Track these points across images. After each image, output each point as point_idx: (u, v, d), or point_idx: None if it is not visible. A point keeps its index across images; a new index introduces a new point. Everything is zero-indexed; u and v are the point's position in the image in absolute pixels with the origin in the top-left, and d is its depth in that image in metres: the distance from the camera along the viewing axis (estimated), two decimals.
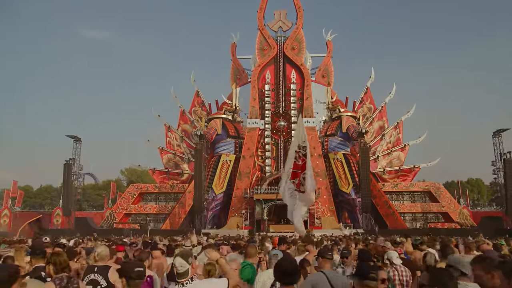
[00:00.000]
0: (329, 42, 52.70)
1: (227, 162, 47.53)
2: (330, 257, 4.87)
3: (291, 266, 3.40)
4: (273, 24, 50.22)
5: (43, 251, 4.76)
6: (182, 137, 51.08)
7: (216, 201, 46.41)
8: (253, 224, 43.06)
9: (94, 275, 4.77)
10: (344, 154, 46.99)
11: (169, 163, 50.75)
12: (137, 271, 3.61)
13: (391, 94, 50.91)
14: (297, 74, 49.14)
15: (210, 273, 4.23)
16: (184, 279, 3.60)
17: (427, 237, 15.06)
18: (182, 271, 3.58)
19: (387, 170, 48.53)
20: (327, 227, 41.07)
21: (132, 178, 77.04)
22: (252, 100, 48.33)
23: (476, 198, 54.75)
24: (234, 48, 54.02)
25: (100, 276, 4.75)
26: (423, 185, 47.27)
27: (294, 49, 49.28)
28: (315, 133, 47.10)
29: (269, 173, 45.88)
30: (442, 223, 44.08)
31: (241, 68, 54.15)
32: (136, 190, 49.19)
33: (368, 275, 3.82)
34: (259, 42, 49.76)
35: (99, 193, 72.72)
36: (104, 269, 4.83)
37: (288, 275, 3.36)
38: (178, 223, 45.83)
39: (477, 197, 55.36)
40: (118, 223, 46.44)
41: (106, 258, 4.97)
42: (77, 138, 46.53)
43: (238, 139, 48.69)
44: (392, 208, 44.62)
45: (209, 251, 4.02)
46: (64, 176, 45.43)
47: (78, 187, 47.55)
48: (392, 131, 50.18)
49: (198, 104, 52.98)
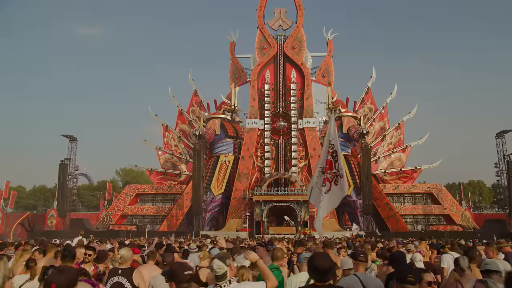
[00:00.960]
0: (330, 41, 52.80)
1: (226, 162, 47.44)
2: (363, 259, 4.79)
3: (325, 263, 3.31)
4: (273, 22, 50.17)
5: (73, 254, 4.69)
6: (180, 137, 50.94)
7: (214, 203, 46.33)
8: (252, 226, 42.97)
9: (119, 277, 4.69)
10: (345, 155, 46.80)
11: (166, 163, 50.59)
12: (187, 274, 3.53)
13: (393, 95, 51.03)
14: (297, 74, 49.12)
15: (244, 276, 4.16)
16: (222, 281, 3.53)
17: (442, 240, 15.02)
18: (221, 273, 3.52)
19: (388, 172, 48.61)
20: (328, 230, 40.97)
21: (127, 179, 76.75)
22: (252, 100, 48.25)
23: (477, 200, 54.91)
24: (233, 47, 53.99)
25: (125, 279, 4.67)
26: (425, 186, 47.36)
27: (295, 48, 49.26)
28: (315, 134, 47.10)
29: (268, 174, 45.79)
30: (444, 225, 44.11)
31: (240, 67, 54.11)
32: (132, 191, 49.00)
33: (406, 278, 3.74)
34: (258, 41, 49.70)
35: (94, 194, 72.42)
36: (128, 271, 4.74)
37: (322, 272, 3.27)
38: (176, 224, 45.70)
39: (478, 199, 55.48)
40: (114, 225, 46.25)
41: (129, 260, 4.88)
42: (72, 137, 46.34)
43: (237, 140, 48.63)
44: (393, 210, 44.65)
45: (248, 252, 3.95)
46: (59, 176, 45.18)
47: (74, 187, 47.17)
48: (393, 132, 50.28)
49: (196, 104, 52.89)
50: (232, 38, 54.04)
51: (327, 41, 52.67)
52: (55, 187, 72.10)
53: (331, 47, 52.75)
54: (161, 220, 46.95)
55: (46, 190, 74.78)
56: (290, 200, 42.64)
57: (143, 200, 49.47)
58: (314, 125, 47.50)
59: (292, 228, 42.22)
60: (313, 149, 46.48)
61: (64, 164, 45.05)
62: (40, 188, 75.50)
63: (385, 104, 51.40)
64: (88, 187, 70.07)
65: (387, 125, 50.92)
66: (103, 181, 73.99)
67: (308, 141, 46.67)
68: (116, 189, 62.61)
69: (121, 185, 73.80)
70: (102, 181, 74.22)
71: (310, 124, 47.25)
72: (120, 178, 78.61)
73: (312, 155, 46.27)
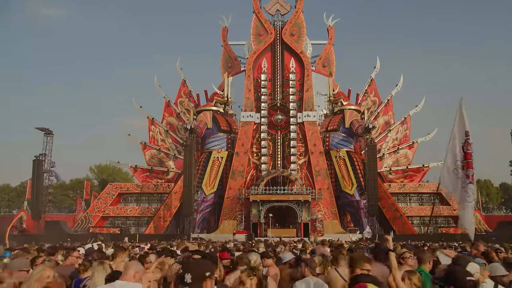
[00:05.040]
0: (331, 28, 52.40)
1: (219, 159, 46.61)
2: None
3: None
4: (270, 6, 49.39)
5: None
6: (167, 131, 49.81)
7: (206, 203, 45.51)
8: (248, 227, 42.34)
9: None
10: (347, 151, 46.68)
11: (152, 159, 49.44)
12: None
13: (398, 87, 50.97)
14: (296, 63, 48.51)
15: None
16: None
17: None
18: None
19: (393, 170, 48.57)
20: (330, 232, 40.74)
21: (103, 176, 75.00)
22: (247, 91, 47.45)
23: (484, 201, 55.41)
24: (225, 32, 53.09)
25: None
26: (433, 186, 47.29)
27: (294, 35, 48.63)
28: (316, 128, 46.68)
29: (265, 172, 45.11)
30: (454, 228, 44.12)
31: (233, 55, 53.25)
32: (115, 190, 47.75)
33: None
34: (254, 27, 48.87)
35: (67, 193, 70.52)
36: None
37: None
38: (163, 226, 44.75)
39: (485, 200, 56.02)
40: (95, 227, 44.92)
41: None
42: (48, 131, 44.67)
43: (231, 134, 47.78)
44: (399, 211, 44.57)
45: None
46: (33, 173, 43.46)
47: (49, 186, 45.60)
48: (399, 126, 50.25)
49: (185, 95, 51.81)
50: (224, 23, 53.10)
51: (328, 27, 52.24)
52: (20, 186, 70.19)
53: (332, 35, 52.34)
54: (147, 222, 45.87)
55: (11, 190, 72.40)
56: (290, 200, 42.15)
57: (127, 200, 48.30)
58: (315, 119, 47.04)
59: (291, 230, 41.83)
60: (314, 145, 46.02)
61: (39, 160, 43.37)
62: (3, 187, 72.95)
63: (390, 97, 51.30)
64: (59, 186, 67.98)
65: (392, 120, 50.87)
66: (77, 179, 72.12)
67: (308, 136, 46.17)
68: (92, 188, 61.02)
69: (97, 184, 72.08)
70: (75, 179, 72.27)
71: (310, 117, 46.74)
72: (94, 176, 76.71)
73: (312, 151, 45.81)
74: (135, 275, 4.12)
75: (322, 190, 44.14)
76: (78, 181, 69.97)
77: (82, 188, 57.75)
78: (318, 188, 44.18)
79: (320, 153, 45.85)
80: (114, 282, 4.14)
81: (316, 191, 43.52)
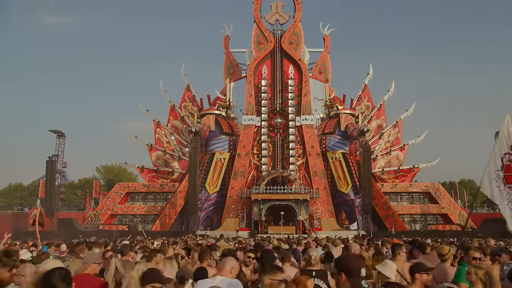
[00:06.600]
0: (327, 37, 53.24)
1: (221, 160, 47.34)
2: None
3: None
4: (269, 16, 50.24)
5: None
6: (172, 134, 50.51)
7: (209, 201, 46.21)
8: (250, 225, 43.16)
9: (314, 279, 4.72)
10: (343, 153, 47.52)
11: (158, 160, 50.13)
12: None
13: (390, 92, 51.86)
14: (295, 70, 49.39)
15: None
16: None
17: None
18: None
19: (386, 170, 49.45)
20: (327, 229, 41.56)
21: (109, 176, 75.61)
22: (248, 96, 48.26)
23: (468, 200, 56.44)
24: (227, 40, 53.84)
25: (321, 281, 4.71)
26: (423, 185, 48.33)
27: (292, 43, 49.49)
28: (313, 131, 47.53)
29: (265, 172, 45.89)
30: (443, 225, 45.18)
31: (234, 62, 54.03)
32: (122, 189, 48.40)
33: None
34: (255, 35, 49.69)
35: (75, 192, 71.07)
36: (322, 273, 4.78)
37: None
38: (169, 224, 45.45)
39: (469, 199, 57.07)
40: (104, 224, 45.65)
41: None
42: (61, 133, 45.39)
43: (233, 137, 48.56)
44: (392, 209, 45.48)
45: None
46: (46, 173, 44.21)
47: (61, 185, 46.24)
48: (391, 130, 51.17)
49: (189, 99, 52.54)
50: (226, 31, 53.86)
51: (324, 36, 53.11)
52: (32, 185, 70.62)
53: (328, 43, 53.20)
54: (153, 219, 46.57)
55: (23, 188, 72.82)
56: (290, 199, 42.94)
57: (134, 199, 48.93)
58: (312, 122, 47.89)
59: (291, 228, 42.56)
60: (311, 146, 46.87)
61: (52, 161, 44.10)
62: (16, 186, 73.42)
63: (382, 102, 52.22)
64: (69, 185, 68.50)
65: (385, 123, 51.77)
66: (85, 178, 72.68)
67: (306, 139, 47.00)
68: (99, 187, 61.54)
69: (103, 183, 72.63)
70: (83, 178, 72.84)
71: (308, 121, 47.62)
72: (101, 176, 77.23)
73: (310, 153, 46.65)
74: (232, 271, 4.16)
75: (319, 190, 44.96)
76: (86, 181, 70.60)
77: (90, 187, 58.43)
78: (315, 188, 44.95)
79: (317, 154, 46.68)
80: (214, 277, 4.12)
81: (313, 191, 44.31)
